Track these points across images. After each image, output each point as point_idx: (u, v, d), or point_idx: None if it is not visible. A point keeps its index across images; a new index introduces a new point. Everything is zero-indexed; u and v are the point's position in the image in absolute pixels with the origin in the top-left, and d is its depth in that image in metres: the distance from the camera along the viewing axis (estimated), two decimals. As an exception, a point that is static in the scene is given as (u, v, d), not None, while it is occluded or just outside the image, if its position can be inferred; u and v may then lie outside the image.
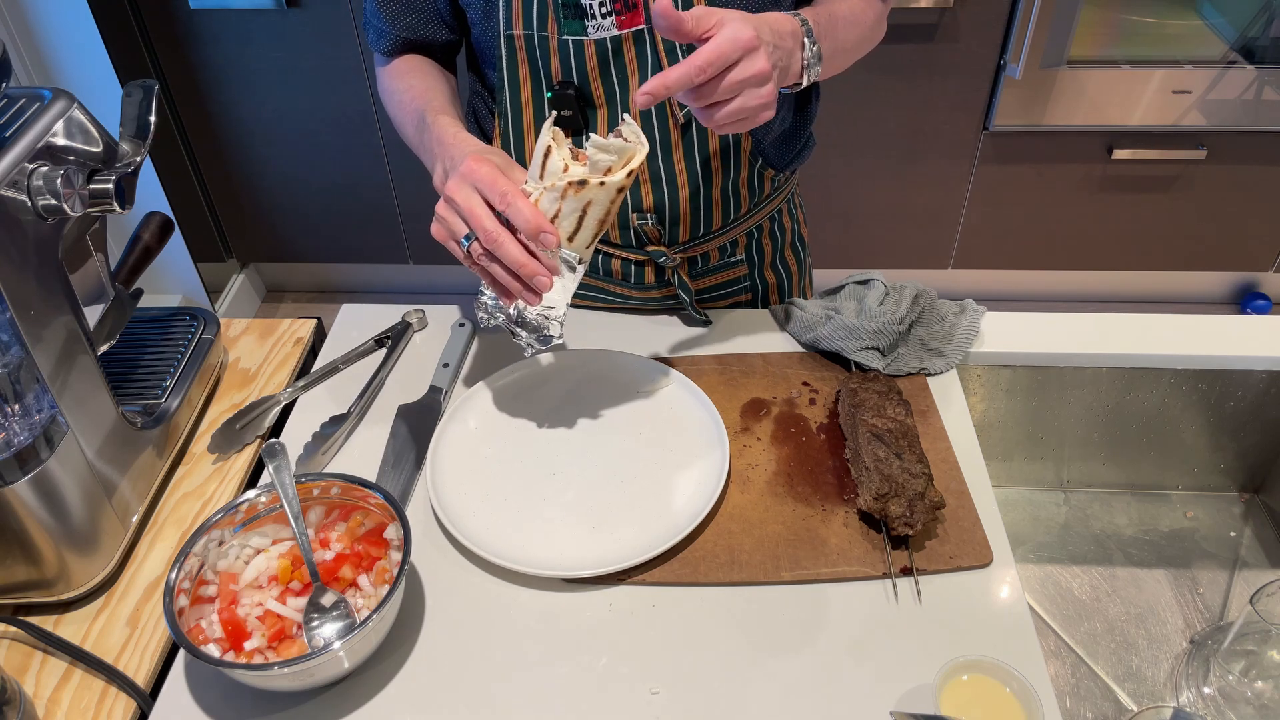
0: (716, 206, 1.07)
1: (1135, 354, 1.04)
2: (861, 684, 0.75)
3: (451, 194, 0.80)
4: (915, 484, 0.83)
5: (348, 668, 0.75)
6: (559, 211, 0.80)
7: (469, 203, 0.79)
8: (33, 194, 0.73)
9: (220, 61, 2.29)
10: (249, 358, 1.10)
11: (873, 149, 2.37)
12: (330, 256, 2.70)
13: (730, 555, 0.85)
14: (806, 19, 0.86)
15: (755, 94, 0.78)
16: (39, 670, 0.79)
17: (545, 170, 0.80)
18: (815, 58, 0.87)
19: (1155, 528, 1.10)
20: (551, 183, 0.79)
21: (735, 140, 1.01)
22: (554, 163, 0.80)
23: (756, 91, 0.78)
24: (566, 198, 0.79)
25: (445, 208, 0.82)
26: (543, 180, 0.80)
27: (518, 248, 0.78)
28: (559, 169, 0.80)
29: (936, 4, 2.09)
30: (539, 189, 0.79)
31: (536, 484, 0.91)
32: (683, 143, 1.00)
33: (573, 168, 0.80)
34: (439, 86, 1.01)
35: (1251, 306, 2.65)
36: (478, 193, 0.79)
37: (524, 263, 0.78)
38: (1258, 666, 0.87)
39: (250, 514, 0.82)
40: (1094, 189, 2.40)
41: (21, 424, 0.77)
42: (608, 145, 0.79)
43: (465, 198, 0.79)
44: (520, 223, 0.77)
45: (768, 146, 1.07)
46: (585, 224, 0.81)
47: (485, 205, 0.79)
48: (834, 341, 1.03)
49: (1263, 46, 2.17)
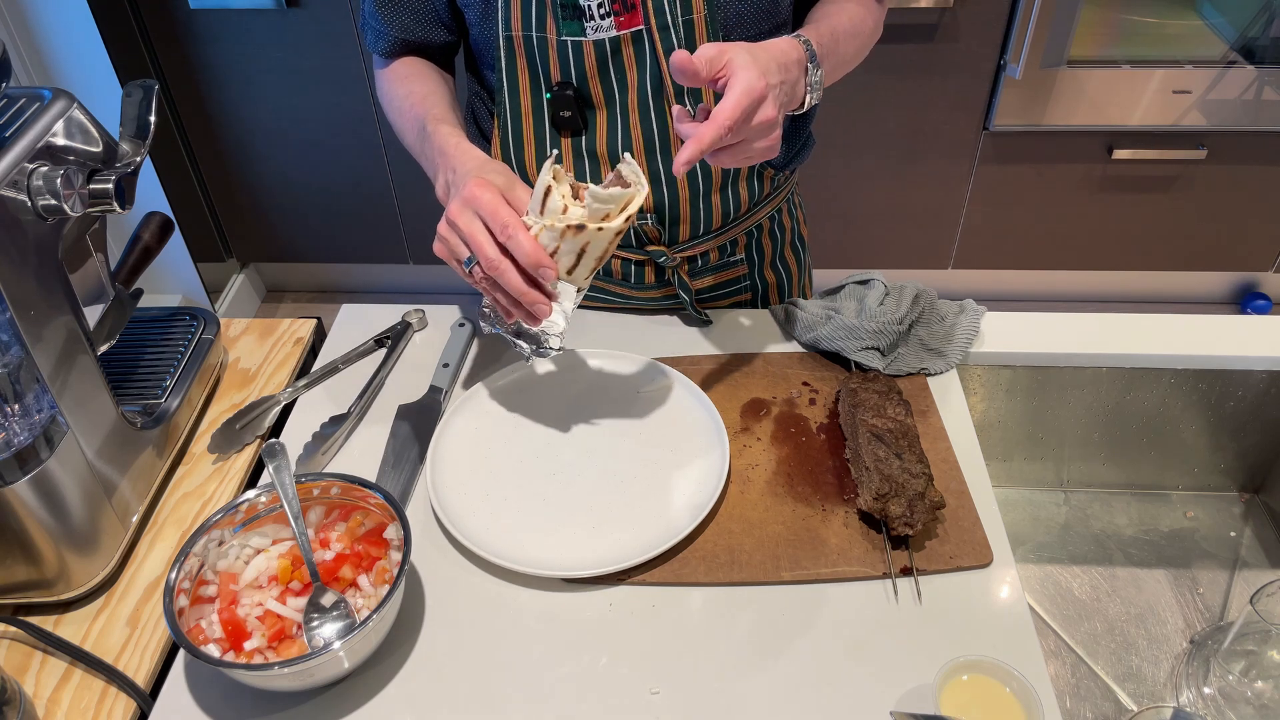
0: (716, 206, 1.07)
1: (1135, 354, 1.04)
2: (861, 684, 0.75)
3: (454, 218, 0.81)
4: (915, 484, 0.83)
5: (348, 668, 0.75)
6: (558, 248, 0.80)
7: (471, 229, 0.80)
8: (33, 194, 0.73)
9: (220, 61, 2.30)
10: (249, 358, 1.10)
11: (873, 149, 2.37)
12: (330, 256, 2.70)
13: (730, 555, 0.85)
14: (810, 41, 0.86)
15: (763, 139, 0.80)
16: (39, 670, 0.79)
17: (545, 208, 0.81)
18: (818, 82, 0.88)
19: (1155, 528, 1.10)
20: (550, 222, 0.79)
21: (735, 140, 1.02)
22: (554, 201, 0.80)
23: (764, 137, 0.80)
24: (565, 239, 0.79)
25: (448, 229, 0.83)
26: (543, 217, 0.80)
27: (518, 277, 0.79)
28: (558, 208, 0.80)
29: (936, 4, 2.09)
30: (539, 224, 0.80)
31: (536, 484, 0.91)
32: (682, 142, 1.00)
33: (572, 209, 0.80)
34: (439, 92, 1.01)
35: (1251, 306, 2.65)
36: (479, 219, 0.80)
37: (524, 292, 0.80)
38: (1258, 666, 0.87)
39: (250, 514, 0.82)
40: (1094, 189, 2.40)
41: (21, 424, 0.77)
42: (607, 196, 0.79)
43: (467, 223, 0.80)
44: (520, 256, 0.78)
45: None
46: (584, 260, 0.82)
47: (487, 232, 0.79)
48: (834, 341, 1.03)
49: (1263, 46, 2.17)
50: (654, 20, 0.91)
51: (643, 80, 0.95)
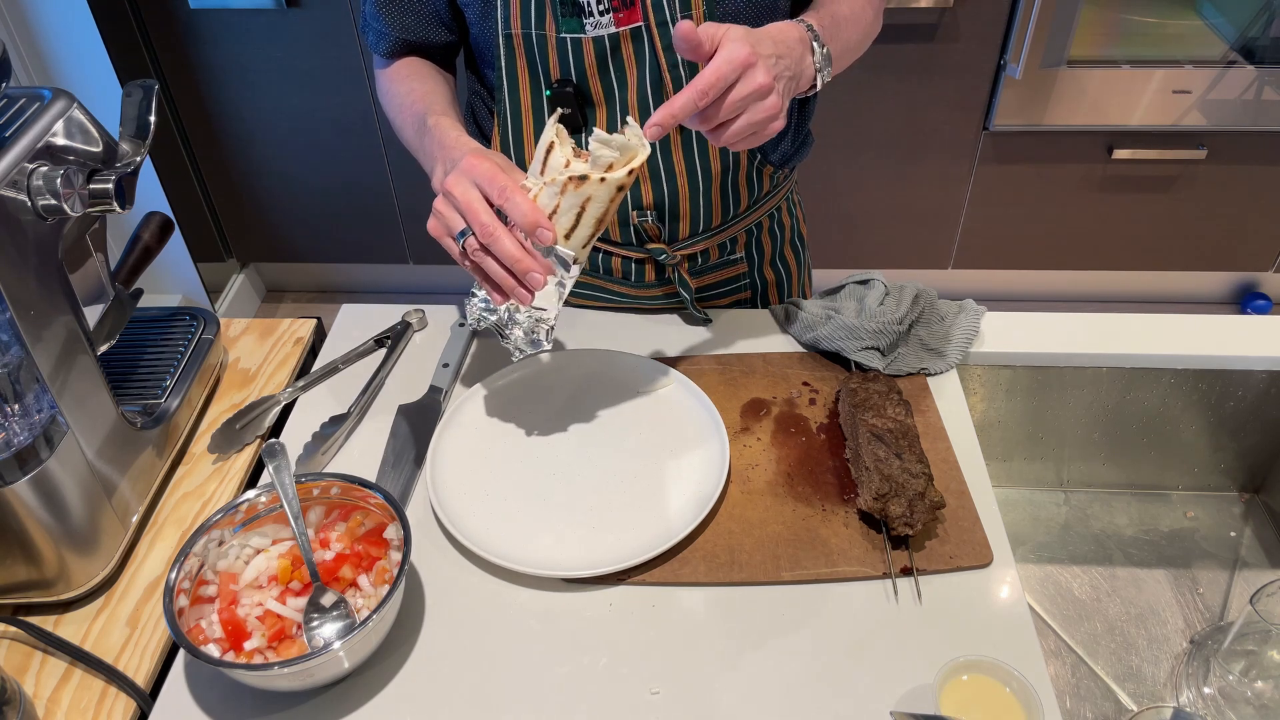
0: (716, 204, 1.07)
1: (1135, 354, 1.04)
2: (861, 684, 0.75)
3: (450, 188, 0.80)
4: (915, 484, 0.83)
5: (348, 668, 0.75)
6: (557, 208, 0.80)
7: (466, 196, 0.79)
8: (33, 194, 0.73)
9: (220, 61, 2.29)
10: (249, 358, 1.10)
11: (873, 149, 2.37)
12: (330, 256, 2.70)
13: (730, 555, 0.85)
14: (811, 24, 0.87)
15: (760, 108, 0.79)
16: (39, 670, 0.79)
17: (546, 166, 0.80)
18: (825, 60, 0.87)
19: (1155, 528, 1.10)
20: (552, 177, 0.79)
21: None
22: (555, 159, 0.80)
23: (760, 105, 0.79)
24: (566, 193, 0.79)
25: (443, 203, 0.82)
26: (543, 175, 0.80)
27: (513, 242, 0.78)
28: (560, 165, 0.80)
29: (936, 4, 2.09)
30: (539, 185, 0.80)
31: (536, 484, 0.91)
32: (682, 140, 1.00)
33: (574, 164, 0.80)
34: (439, 90, 1.01)
35: (1251, 306, 2.65)
36: (476, 188, 0.79)
37: (519, 257, 0.78)
38: (1258, 666, 0.87)
39: (250, 514, 0.82)
40: (1094, 189, 2.40)
41: (21, 424, 0.77)
42: (610, 140, 0.79)
43: (463, 192, 0.79)
44: (518, 216, 0.78)
45: (767, 143, 1.07)
46: (583, 221, 0.81)
47: (483, 200, 0.79)
48: (834, 341, 1.03)
49: (1263, 46, 2.16)
50: (653, 16, 0.91)
51: (642, 77, 0.95)
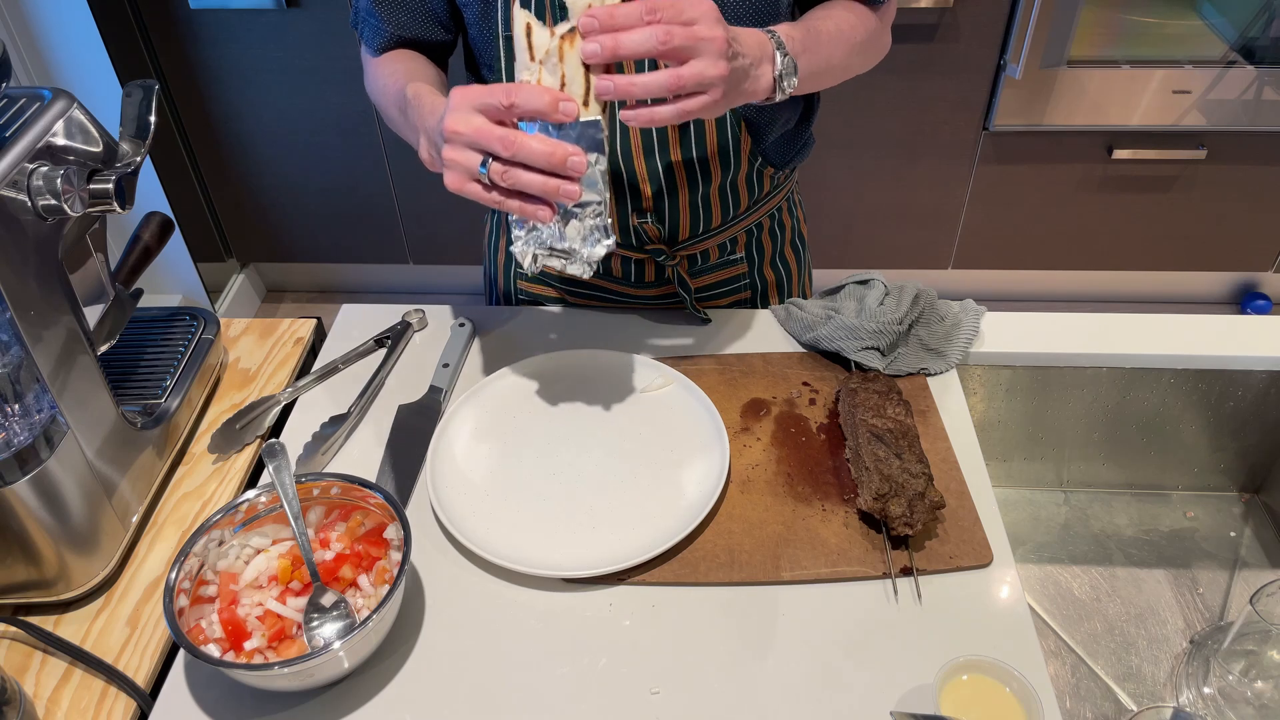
0: (715, 204, 1.07)
1: (1135, 354, 1.04)
2: (861, 684, 0.75)
3: (453, 127, 0.77)
4: (915, 484, 0.83)
5: (348, 668, 0.75)
6: (563, 78, 0.77)
7: (472, 124, 0.76)
8: (33, 194, 0.73)
9: (220, 61, 2.30)
10: (249, 358, 1.10)
11: (873, 149, 2.37)
12: (330, 256, 2.70)
13: (730, 555, 0.85)
14: (776, 33, 0.85)
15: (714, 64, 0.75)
16: (39, 670, 0.79)
17: (533, 48, 0.77)
18: (789, 69, 0.85)
19: (1155, 528, 1.10)
20: (544, 50, 0.76)
21: (734, 138, 1.01)
22: (539, 37, 0.77)
23: (715, 61, 0.75)
24: (565, 60, 0.76)
25: (452, 148, 0.78)
26: (534, 60, 0.77)
27: (538, 139, 0.75)
28: (546, 38, 0.77)
29: (936, 4, 2.09)
30: (535, 70, 0.77)
31: (536, 484, 0.91)
32: (681, 141, 1.00)
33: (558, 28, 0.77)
34: (425, 73, 1.00)
35: (1251, 306, 2.65)
36: (478, 113, 0.76)
37: (551, 150, 0.75)
38: (1258, 666, 0.87)
39: (250, 514, 0.82)
40: (1094, 189, 2.40)
41: (21, 424, 0.77)
42: None
43: (467, 122, 0.76)
44: (533, 101, 0.74)
45: (768, 145, 1.07)
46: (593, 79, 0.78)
47: (489, 122, 0.76)
48: (834, 341, 1.03)
49: (1263, 46, 2.17)
50: None
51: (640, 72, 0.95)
